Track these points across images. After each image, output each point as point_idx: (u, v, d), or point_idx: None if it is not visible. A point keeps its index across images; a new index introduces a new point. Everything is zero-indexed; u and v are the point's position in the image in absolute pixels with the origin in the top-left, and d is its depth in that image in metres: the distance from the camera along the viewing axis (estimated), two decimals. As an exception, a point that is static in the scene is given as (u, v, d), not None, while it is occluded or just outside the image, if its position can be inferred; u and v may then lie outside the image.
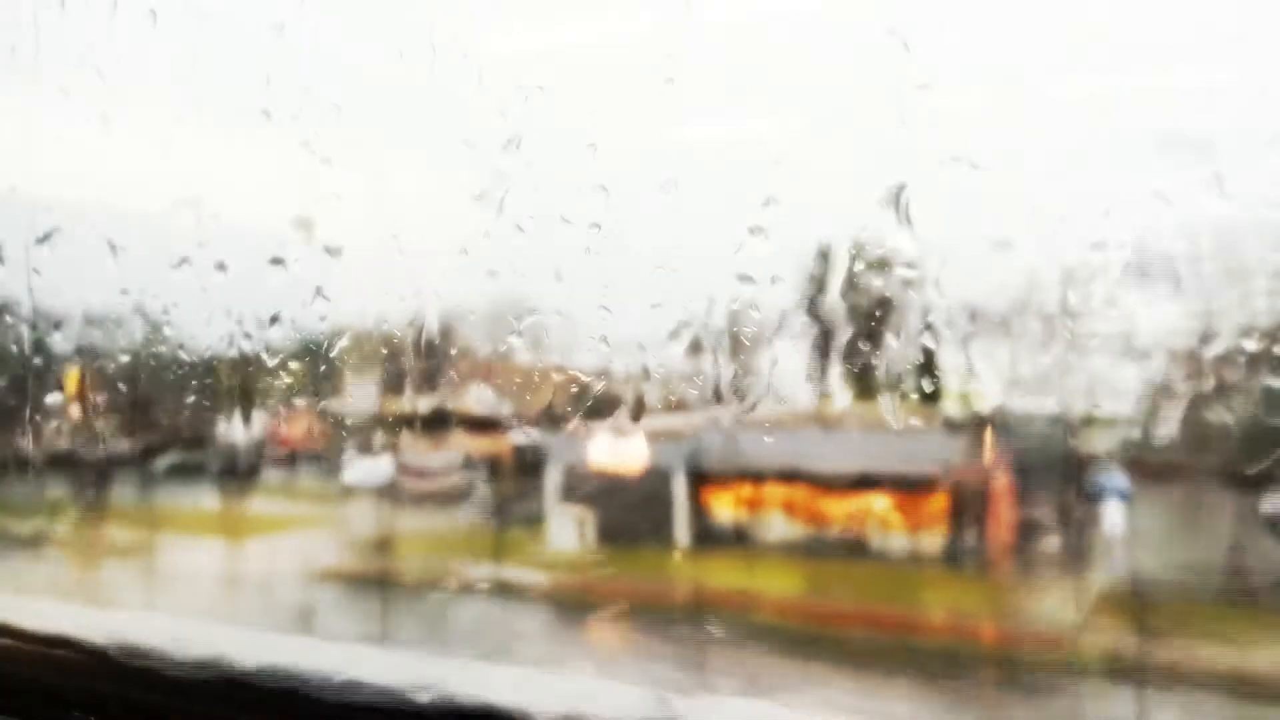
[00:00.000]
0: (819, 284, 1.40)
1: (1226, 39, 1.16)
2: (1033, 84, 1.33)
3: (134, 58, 1.71)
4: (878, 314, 1.41)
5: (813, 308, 1.42)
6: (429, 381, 1.68)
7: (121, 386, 1.91)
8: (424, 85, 1.54)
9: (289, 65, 1.57)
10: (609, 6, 1.53)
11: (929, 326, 1.36)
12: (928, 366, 1.42)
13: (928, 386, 1.44)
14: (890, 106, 1.24)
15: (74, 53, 1.76)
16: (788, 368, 1.43)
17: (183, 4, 1.68)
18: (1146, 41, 1.26)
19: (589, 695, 1.11)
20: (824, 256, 1.39)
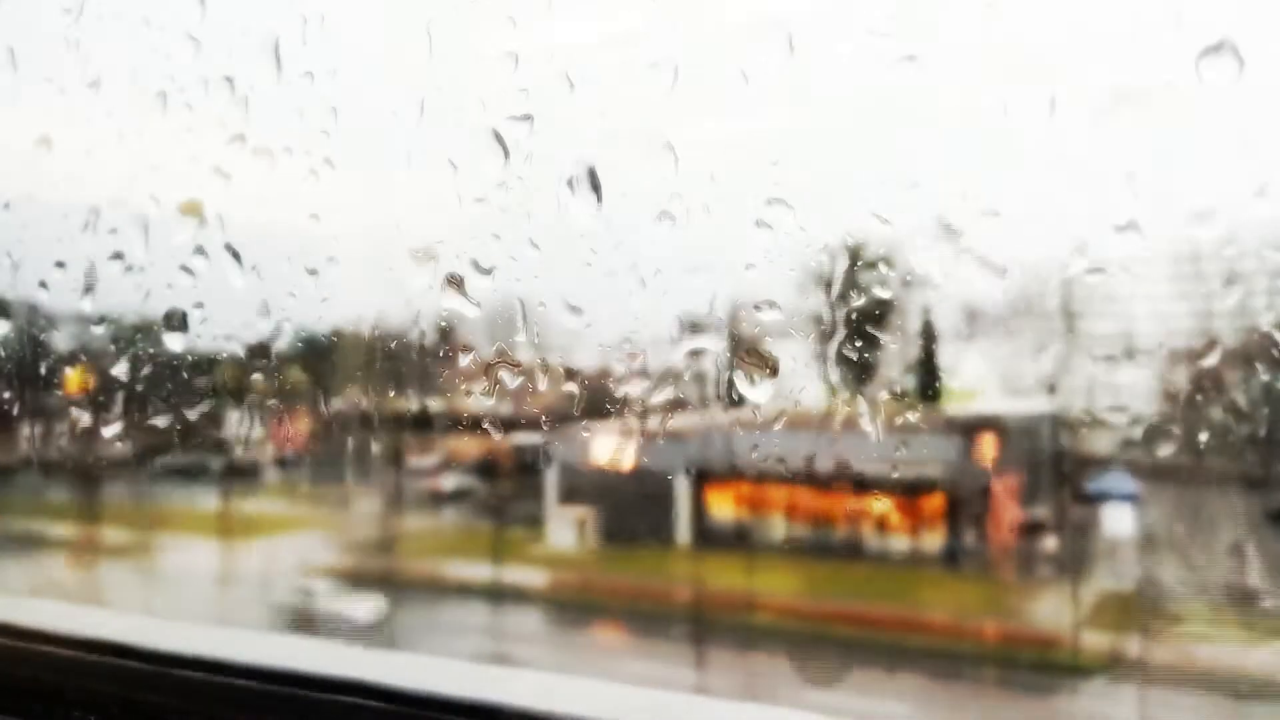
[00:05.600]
0: (820, 284, 1.40)
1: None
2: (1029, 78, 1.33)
3: (145, 64, 1.71)
4: (878, 314, 1.41)
5: (814, 308, 1.41)
6: (429, 382, 1.68)
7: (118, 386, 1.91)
8: (423, 85, 1.54)
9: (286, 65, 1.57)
10: (609, 7, 1.53)
11: (929, 327, 1.36)
12: (928, 367, 1.42)
13: (928, 387, 1.44)
14: (890, 105, 1.23)
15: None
16: (788, 368, 1.43)
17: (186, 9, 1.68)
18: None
19: (587, 695, 1.11)
20: (825, 257, 1.39)
